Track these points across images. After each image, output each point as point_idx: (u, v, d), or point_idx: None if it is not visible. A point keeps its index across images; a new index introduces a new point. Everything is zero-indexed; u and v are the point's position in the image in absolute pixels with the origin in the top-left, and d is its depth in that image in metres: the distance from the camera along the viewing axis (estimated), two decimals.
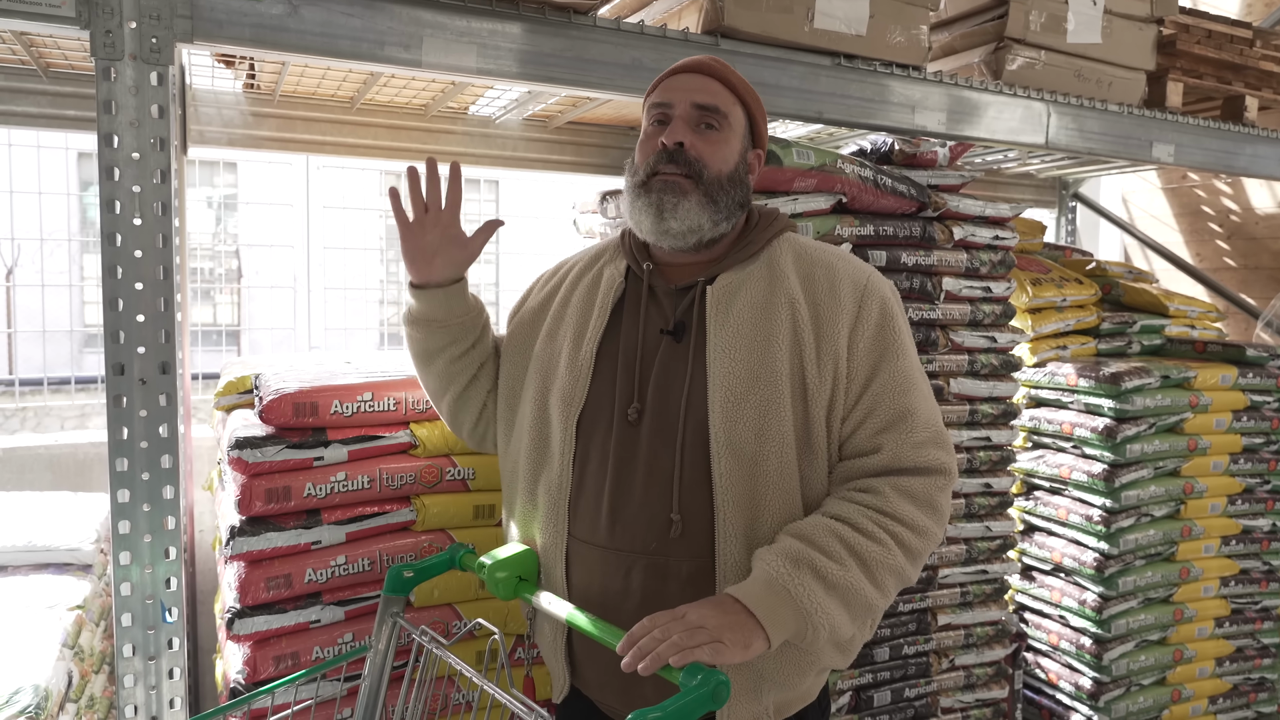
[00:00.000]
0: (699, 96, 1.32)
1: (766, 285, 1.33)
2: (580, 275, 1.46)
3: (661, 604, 1.21)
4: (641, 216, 1.32)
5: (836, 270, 1.34)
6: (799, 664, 1.28)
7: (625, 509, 1.27)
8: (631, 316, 1.35)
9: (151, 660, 1.50)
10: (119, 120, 1.44)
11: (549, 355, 1.41)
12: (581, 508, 1.31)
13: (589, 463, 1.32)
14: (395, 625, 1.35)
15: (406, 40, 1.64)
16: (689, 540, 1.25)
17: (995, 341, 2.27)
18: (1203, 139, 2.65)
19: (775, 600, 1.13)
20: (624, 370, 1.31)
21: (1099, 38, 2.42)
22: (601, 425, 1.31)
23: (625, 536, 1.27)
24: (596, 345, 1.35)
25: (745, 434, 1.24)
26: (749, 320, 1.29)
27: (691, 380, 1.27)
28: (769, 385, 1.26)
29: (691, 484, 1.25)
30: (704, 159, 1.31)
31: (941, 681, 2.27)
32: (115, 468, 1.46)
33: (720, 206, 1.31)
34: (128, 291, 1.46)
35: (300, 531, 1.61)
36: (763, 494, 1.25)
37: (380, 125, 2.55)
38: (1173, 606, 2.62)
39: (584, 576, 1.31)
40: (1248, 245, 3.62)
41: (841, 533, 1.19)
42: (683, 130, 1.31)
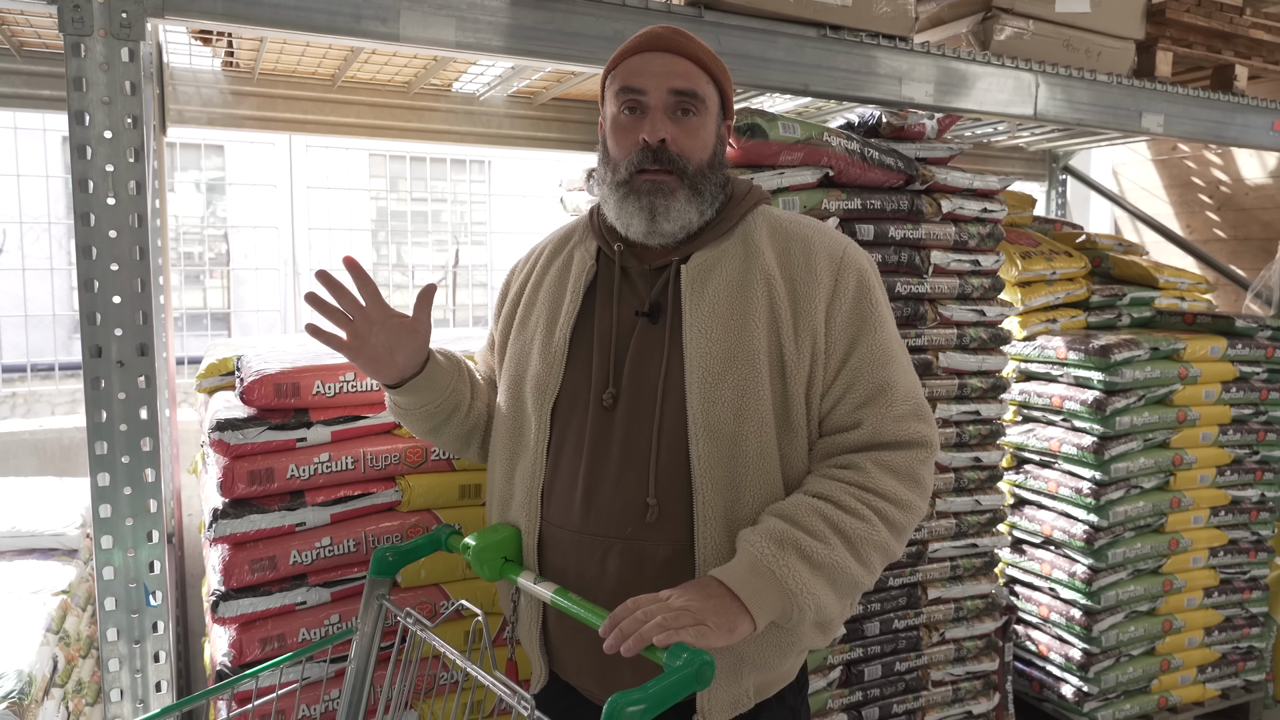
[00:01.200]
0: (675, 81, 1.27)
1: (741, 262, 1.30)
2: (550, 259, 1.43)
3: (637, 589, 1.19)
4: (631, 220, 1.28)
5: (812, 243, 1.32)
6: (780, 646, 1.26)
7: (600, 494, 1.25)
8: (605, 299, 1.32)
9: (136, 644, 1.49)
10: (89, 98, 1.42)
11: (521, 344, 1.39)
12: (555, 493, 1.29)
13: (564, 449, 1.30)
14: (381, 607, 1.35)
15: (383, 13, 1.61)
16: (666, 524, 1.23)
17: (984, 315, 2.26)
18: (1192, 109, 2.63)
19: (760, 582, 1.12)
20: (599, 355, 1.29)
21: (1088, 7, 2.39)
22: (577, 411, 1.29)
23: (600, 521, 1.25)
24: (570, 331, 1.32)
25: (724, 414, 1.22)
26: (725, 299, 1.27)
27: (668, 362, 1.25)
28: (747, 364, 1.24)
29: (669, 467, 1.23)
30: (686, 153, 1.27)
31: (932, 655, 2.28)
32: (95, 451, 1.45)
33: (705, 196, 1.30)
34: (103, 272, 1.44)
35: (284, 513, 1.60)
36: (742, 475, 1.23)
37: (363, 103, 2.52)
38: (1162, 577, 2.64)
39: (558, 561, 1.29)
40: (1238, 216, 3.61)
41: (825, 511, 1.18)
42: (663, 123, 1.26)
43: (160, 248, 2.18)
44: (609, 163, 1.31)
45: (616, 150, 1.30)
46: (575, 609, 1.12)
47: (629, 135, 1.28)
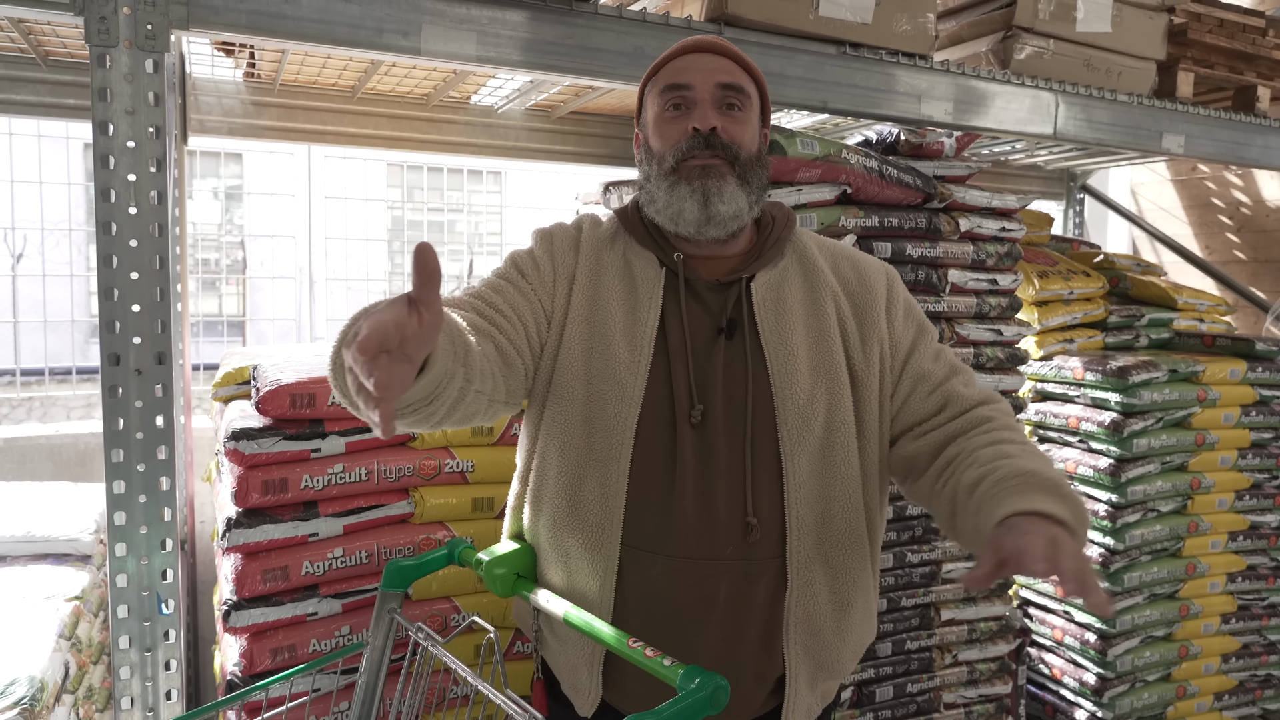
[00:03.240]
0: (721, 76, 1.26)
1: (805, 280, 1.31)
2: (598, 253, 1.31)
3: (747, 608, 1.21)
4: (683, 204, 1.23)
5: (857, 260, 1.37)
6: (857, 647, 1.30)
7: (700, 516, 1.21)
8: (674, 313, 1.26)
9: (148, 652, 1.49)
10: (114, 108, 1.43)
11: (588, 343, 1.25)
12: (642, 517, 1.22)
13: (647, 469, 1.22)
14: (392, 621, 1.34)
15: (405, 27, 1.62)
16: (765, 542, 1.22)
17: (1001, 335, 2.25)
18: (1213, 129, 2.62)
19: (1061, 493, 1.07)
20: (679, 371, 1.23)
21: (1109, 26, 2.39)
22: (662, 430, 1.22)
23: (702, 544, 1.21)
24: (654, 340, 1.24)
25: (815, 429, 1.23)
26: (801, 316, 1.27)
27: (754, 379, 1.23)
28: (830, 378, 1.26)
29: (762, 484, 1.22)
30: (736, 141, 1.25)
31: (944, 677, 2.25)
32: (111, 459, 1.45)
33: (753, 188, 1.27)
34: (123, 281, 1.45)
35: (297, 523, 1.60)
36: (831, 487, 1.24)
37: (382, 115, 2.53)
38: (1179, 602, 2.60)
39: (643, 587, 1.22)
40: (1258, 238, 3.58)
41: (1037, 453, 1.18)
42: (712, 113, 1.25)
43: (179, 255, 2.20)
44: (653, 158, 1.28)
45: (661, 144, 1.27)
46: (588, 628, 1.12)
47: (676, 128, 1.26)
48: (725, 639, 1.22)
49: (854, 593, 1.27)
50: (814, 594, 1.23)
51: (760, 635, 1.24)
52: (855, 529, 1.26)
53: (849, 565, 1.26)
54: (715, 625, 1.21)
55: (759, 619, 1.23)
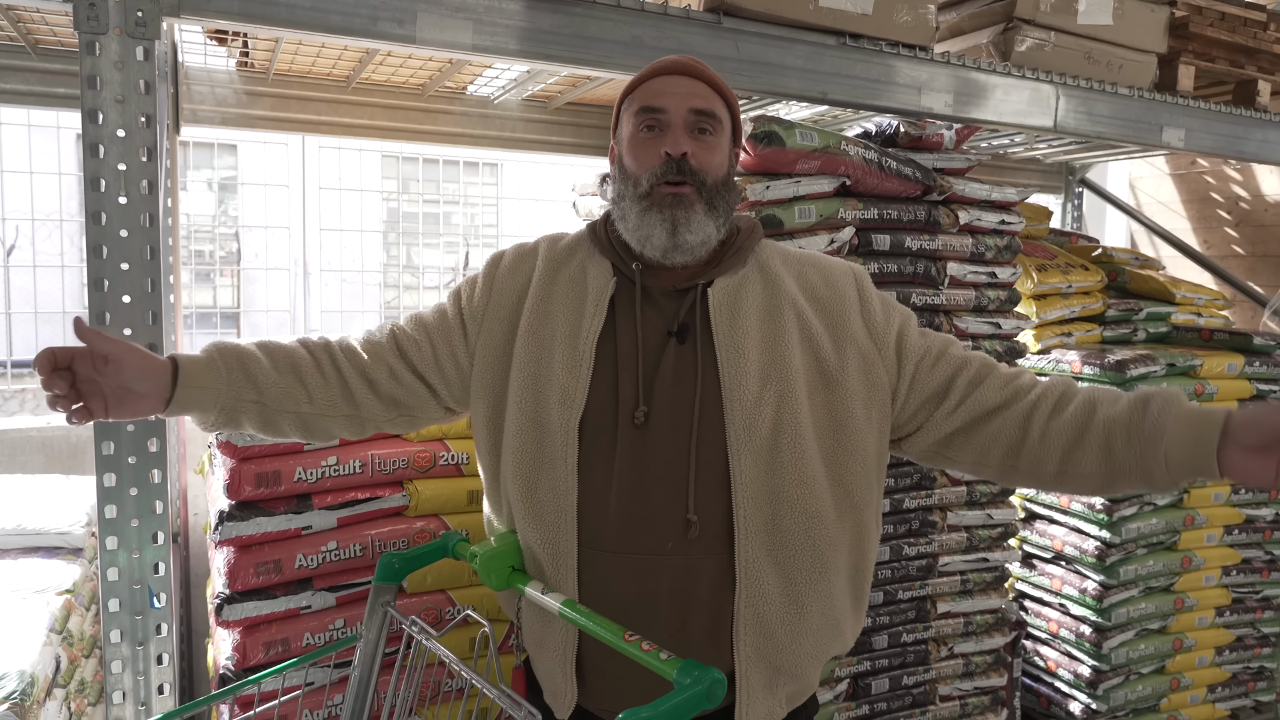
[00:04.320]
0: (695, 101, 1.30)
1: (764, 288, 1.34)
2: (556, 267, 1.38)
3: (690, 604, 1.23)
4: (653, 231, 1.28)
5: (822, 264, 1.40)
6: (818, 652, 1.30)
7: (637, 512, 1.25)
8: (626, 317, 1.31)
9: (140, 646, 1.48)
10: (103, 96, 1.41)
11: (535, 353, 1.32)
12: (589, 514, 1.27)
13: (593, 467, 1.27)
14: (386, 614, 1.33)
15: (400, 15, 1.60)
16: (706, 539, 1.24)
17: (1000, 328, 2.24)
18: (1214, 123, 2.61)
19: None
20: (626, 373, 1.28)
21: (1110, 19, 2.37)
22: (605, 429, 1.27)
23: (639, 539, 1.25)
24: (595, 345, 1.29)
25: (763, 430, 1.25)
26: (756, 323, 1.30)
27: (703, 382, 1.26)
28: (783, 381, 1.27)
29: (707, 484, 1.25)
30: (704, 167, 1.29)
31: (940, 669, 2.25)
32: (101, 451, 1.44)
33: (720, 212, 1.31)
34: (113, 272, 1.43)
35: (291, 516, 1.59)
36: (780, 488, 1.25)
37: (377, 105, 2.51)
38: (1173, 595, 2.60)
39: (595, 583, 1.27)
40: (1256, 232, 3.58)
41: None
42: (684, 138, 1.29)
43: (171, 246, 2.18)
44: (628, 178, 1.32)
45: (635, 165, 1.31)
46: (585, 621, 1.11)
47: (649, 150, 1.30)
48: (671, 635, 1.24)
49: (809, 596, 1.27)
50: (764, 595, 1.25)
51: (707, 632, 1.26)
52: (810, 531, 1.26)
53: (803, 567, 1.26)
54: (663, 622, 1.24)
55: (704, 615, 1.25)
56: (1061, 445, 1.25)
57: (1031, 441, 1.27)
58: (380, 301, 6.66)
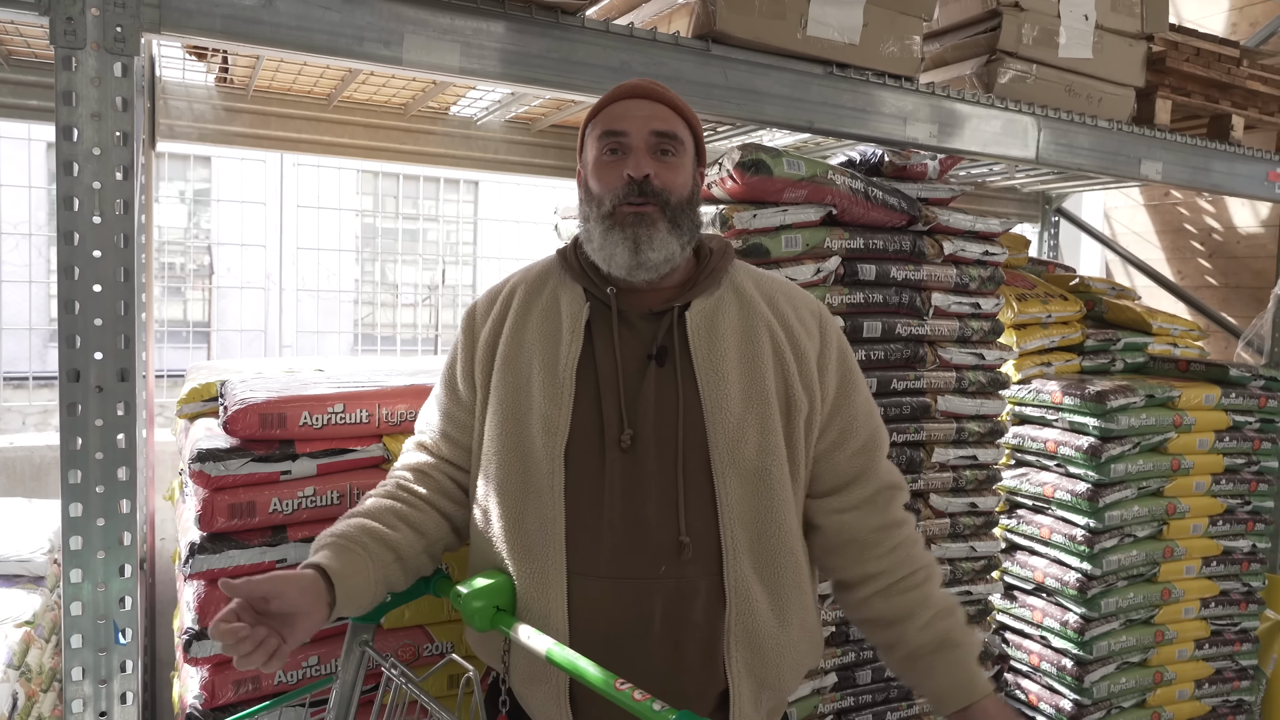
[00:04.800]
0: (656, 124, 1.33)
1: (740, 310, 1.37)
2: (529, 298, 1.39)
3: (684, 627, 1.26)
4: (615, 249, 1.30)
5: (794, 297, 1.43)
6: (799, 663, 1.34)
7: (630, 536, 1.26)
8: (604, 341, 1.32)
9: (103, 684, 1.41)
10: (79, 113, 1.37)
11: (515, 381, 1.33)
12: (579, 541, 1.27)
13: (581, 494, 1.27)
14: (364, 654, 1.29)
15: (386, 36, 1.57)
16: (698, 561, 1.27)
17: (983, 358, 2.24)
18: (1190, 156, 2.64)
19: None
20: (609, 396, 1.29)
21: (1090, 53, 2.40)
22: (591, 454, 1.28)
23: (633, 564, 1.26)
24: (574, 370, 1.30)
25: (748, 452, 1.28)
26: (734, 344, 1.33)
27: (685, 403, 1.28)
28: (762, 403, 1.31)
29: (695, 505, 1.27)
30: (668, 187, 1.32)
31: (923, 705, 2.23)
32: (68, 480, 1.38)
33: (684, 230, 1.33)
34: (85, 293, 1.38)
35: (265, 549, 1.53)
36: (764, 509, 1.29)
37: (358, 124, 2.48)
38: (1154, 628, 2.60)
39: (588, 610, 1.26)
40: (1229, 264, 3.63)
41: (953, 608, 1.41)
42: (646, 160, 1.31)
43: (144, 265, 2.12)
44: (592, 200, 1.35)
45: (599, 188, 1.33)
46: (574, 667, 1.07)
47: (612, 173, 1.32)
48: (666, 658, 1.26)
49: (792, 611, 1.32)
50: (753, 612, 1.28)
51: (700, 653, 1.28)
52: (789, 548, 1.31)
53: (787, 584, 1.31)
54: (655, 645, 1.26)
55: (698, 637, 1.27)
56: (867, 618, 1.41)
57: (853, 599, 1.41)
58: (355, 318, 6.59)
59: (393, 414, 1.66)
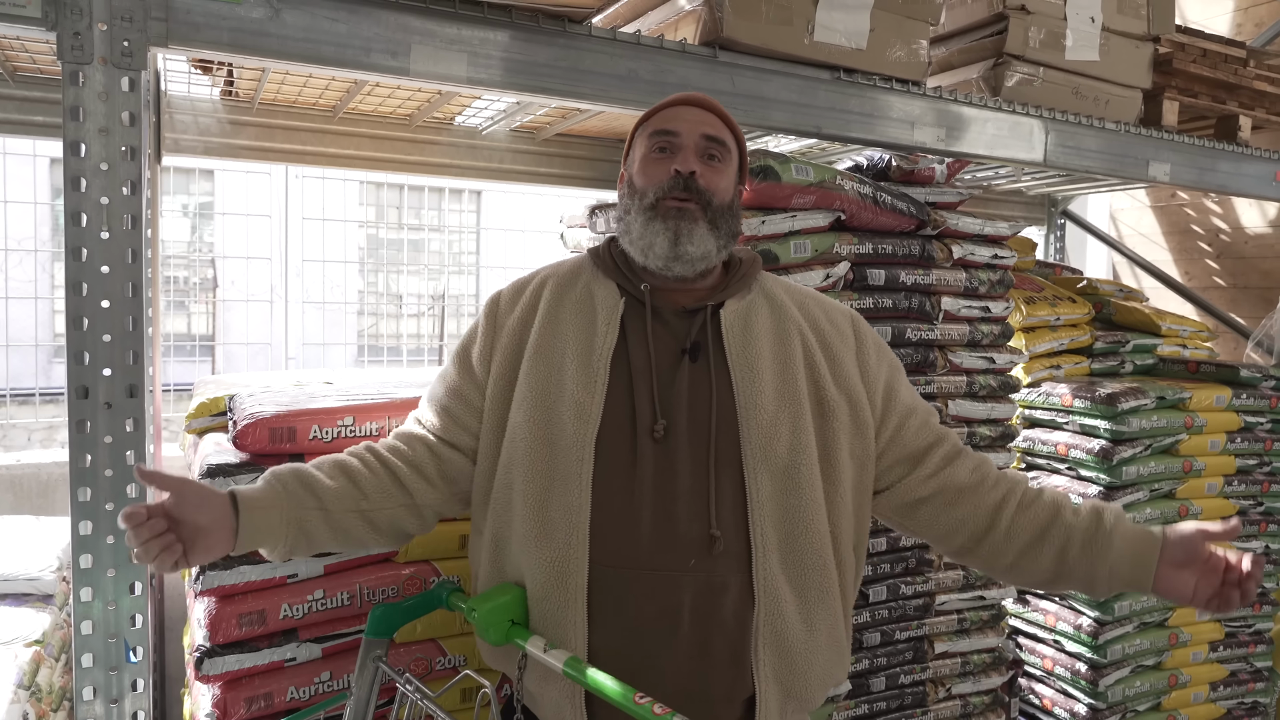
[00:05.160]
0: (706, 129, 1.37)
1: (772, 313, 1.39)
2: (560, 291, 1.40)
3: (713, 624, 1.24)
4: (655, 239, 1.32)
5: (824, 302, 1.45)
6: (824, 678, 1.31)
7: (663, 528, 1.24)
8: (638, 336, 1.33)
9: (114, 704, 1.40)
10: (87, 128, 1.36)
11: (546, 369, 1.32)
12: (606, 530, 1.25)
13: (610, 483, 1.26)
14: (377, 669, 1.27)
15: (394, 47, 1.57)
16: (729, 557, 1.26)
17: (994, 362, 2.23)
18: (1197, 158, 2.63)
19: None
20: (642, 387, 1.29)
21: (1097, 55, 2.39)
22: (623, 443, 1.27)
23: (664, 556, 1.24)
24: (610, 360, 1.31)
25: (780, 449, 1.28)
26: (768, 344, 1.34)
27: (718, 398, 1.29)
28: (795, 403, 1.32)
29: (726, 501, 1.26)
30: (711, 188, 1.35)
31: (938, 711, 2.21)
32: (77, 498, 1.37)
33: (722, 234, 1.36)
34: (93, 309, 1.38)
35: (275, 564, 1.52)
36: (796, 506, 1.28)
37: (363, 135, 2.47)
38: (1168, 630, 2.58)
39: (611, 602, 1.24)
40: (1237, 264, 3.62)
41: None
42: (694, 159, 1.35)
43: (151, 280, 2.11)
44: (635, 194, 1.38)
45: (644, 181, 1.37)
46: (591, 681, 1.06)
47: (660, 168, 1.35)
48: (693, 656, 1.24)
49: (819, 617, 1.30)
50: (782, 613, 1.26)
51: (728, 653, 1.26)
52: (820, 553, 1.30)
53: (814, 588, 1.29)
54: (682, 641, 1.24)
55: (726, 635, 1.25)
56: (1022, 542, 1.35)
57: (997, 534, 1.36)
58: (359, 330, 6.59)
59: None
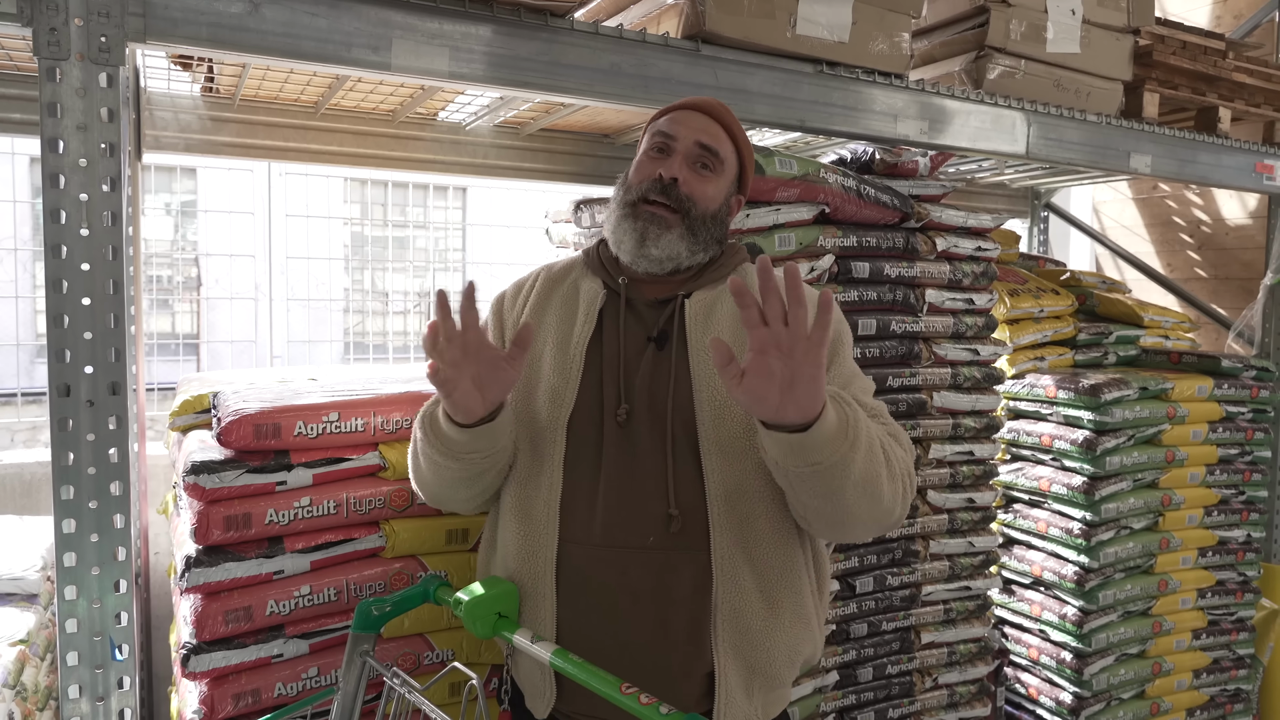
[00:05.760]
0: (703, 136, 1.41)
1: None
2: (551, 286, 1.49)
3: (671, 599, 1.28)
4: (624, 237, 1.39)
5: None
6: (791, 651, 1.32)
7: (620, 507, 1.30)
8: (612, 326, 1.40)
9: (100, 701, 1.40)
10: (65, 124, 1.35)
11: (531, 357, 1.40)
12: (573, 509, 1.33)
13: (579, 464, 1.34)
14: (365, 664, 1.27)
15: (375, 42, 1.56)
16: (685, 534, 1.29)
17: (978, 354, 2.24)
18: (1178, 149, 2.65)
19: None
20: (610, 374, 1.36)
21: (1078, 47, 2.40)
22: (591, 427, 1.35)
23: (621, 533, 1.30)
24: (585, 348, 1.38)
25: (734, 430, 1.31)
26: (728, 331, 1.36)
27: (676, 383, 1.34)
28: None
29: (684, 481, 1.30)
30: (694, 196, 1.39)
31: (925, 701, 2.23)
32: (60, 495, 1.36)
33: (699, 240, 1.40)
34: (74, 307, 1.37)
35: (261, 561, 1.52)
36: (750, 485, 1.30)
37: (346, 131, 2.46)
38: (1151, 619, 2.61)
39: (577, 577, 1.31)
40: (1218, 255, 3.65)
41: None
42: (680, 166, 1.39)
43: (133, 277, 2.10)
44: (624, 185, 1.44)
45: (635, 177, 1.43)
46: (578, 673, 1.06)
47: (650, 167, 1.41)
48: (653, 630, 1.28)
49: (782, 594, 1.32)
50: (740, 590, 1.29)
51: (687, 628, 1.29)
52: (782, 529, 1.32)
53: (775, 565, 1.32)
54: (643, 616, 1.28)
55: (685, 611, 1.29)
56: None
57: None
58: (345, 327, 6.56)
59: (388, 421, 1.65)
